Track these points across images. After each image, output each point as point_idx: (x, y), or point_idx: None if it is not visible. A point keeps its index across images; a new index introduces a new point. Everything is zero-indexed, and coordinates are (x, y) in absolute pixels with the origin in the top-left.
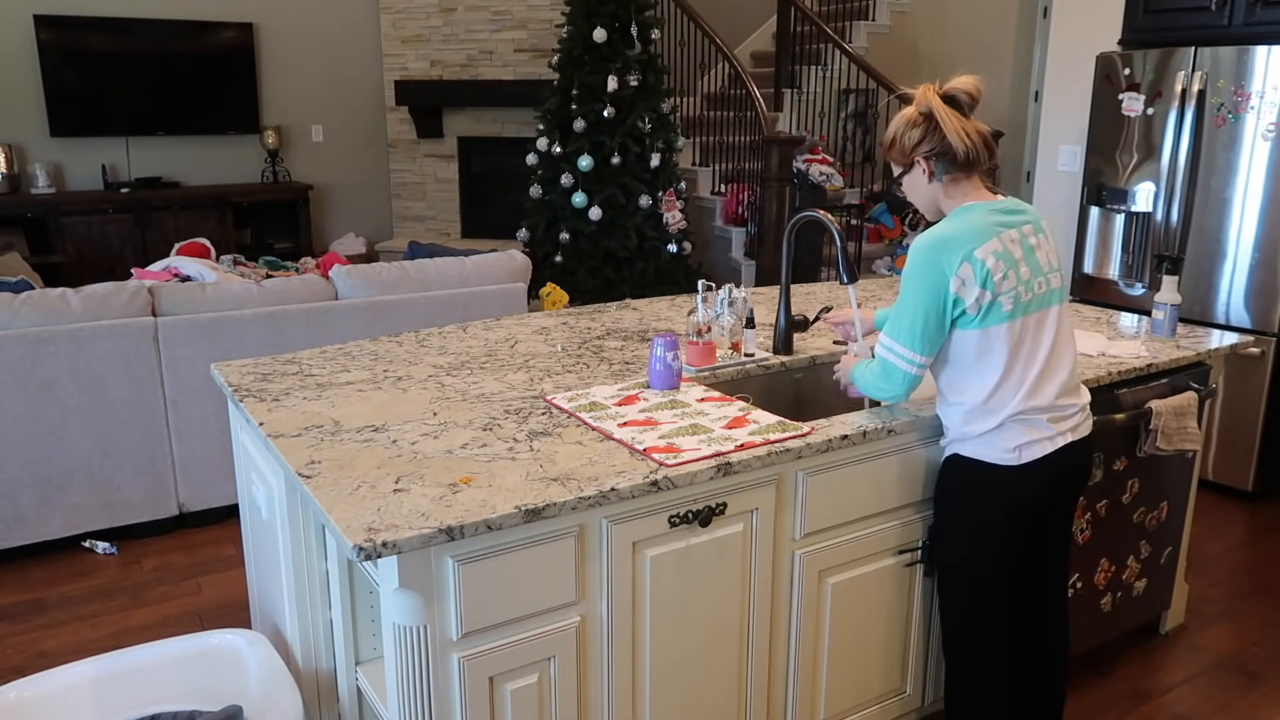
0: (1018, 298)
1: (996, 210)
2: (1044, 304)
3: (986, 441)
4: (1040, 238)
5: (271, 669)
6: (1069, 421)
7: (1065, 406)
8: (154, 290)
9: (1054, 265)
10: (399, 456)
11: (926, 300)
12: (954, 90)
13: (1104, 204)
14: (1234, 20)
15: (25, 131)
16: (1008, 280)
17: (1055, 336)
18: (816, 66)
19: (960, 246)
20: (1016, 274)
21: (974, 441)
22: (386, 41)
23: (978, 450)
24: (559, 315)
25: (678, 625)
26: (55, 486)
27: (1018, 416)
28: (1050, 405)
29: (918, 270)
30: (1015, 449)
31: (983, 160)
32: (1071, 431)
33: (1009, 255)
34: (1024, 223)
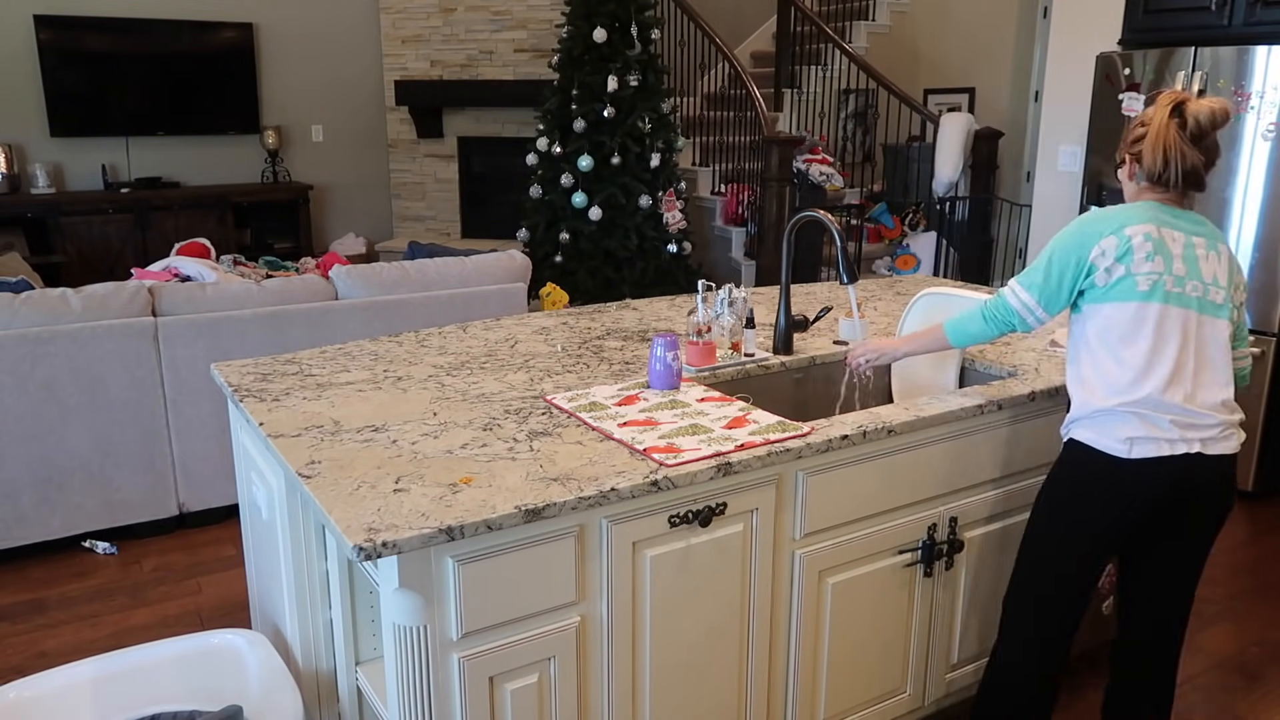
0: (1160, 284)
1: (1171, 212)
2: (1194, 306)
3: (1099, 425)
4: (1211, 254)
5: (271, 669)
6: (1201, 432)
7: (1201, 415)
8: (154, 290)
9: (1221, 283)
10: (399, 456)
11: (1062, 255)
12: (1187, 109)
13: (1104, 204)
14: (1234, 20)
15: (25, 131)
16: (1151, 263)
17: (1201, 343)
18: (816, 66)
19: (1114, 220)
20: (1166, 262)
21: (1087, 423)
22: (386, 41)
23: (1090, 434)
24: (559, 315)
25: (678, 625)
26: (55, 486)
27: (1133, 406)
28: (1179, 408)
29: (1068, 230)
30: (1127, 440)
31: (1173, 184)
32: (1202, 444)
33: (1163, 244)
34: (1196, 233)
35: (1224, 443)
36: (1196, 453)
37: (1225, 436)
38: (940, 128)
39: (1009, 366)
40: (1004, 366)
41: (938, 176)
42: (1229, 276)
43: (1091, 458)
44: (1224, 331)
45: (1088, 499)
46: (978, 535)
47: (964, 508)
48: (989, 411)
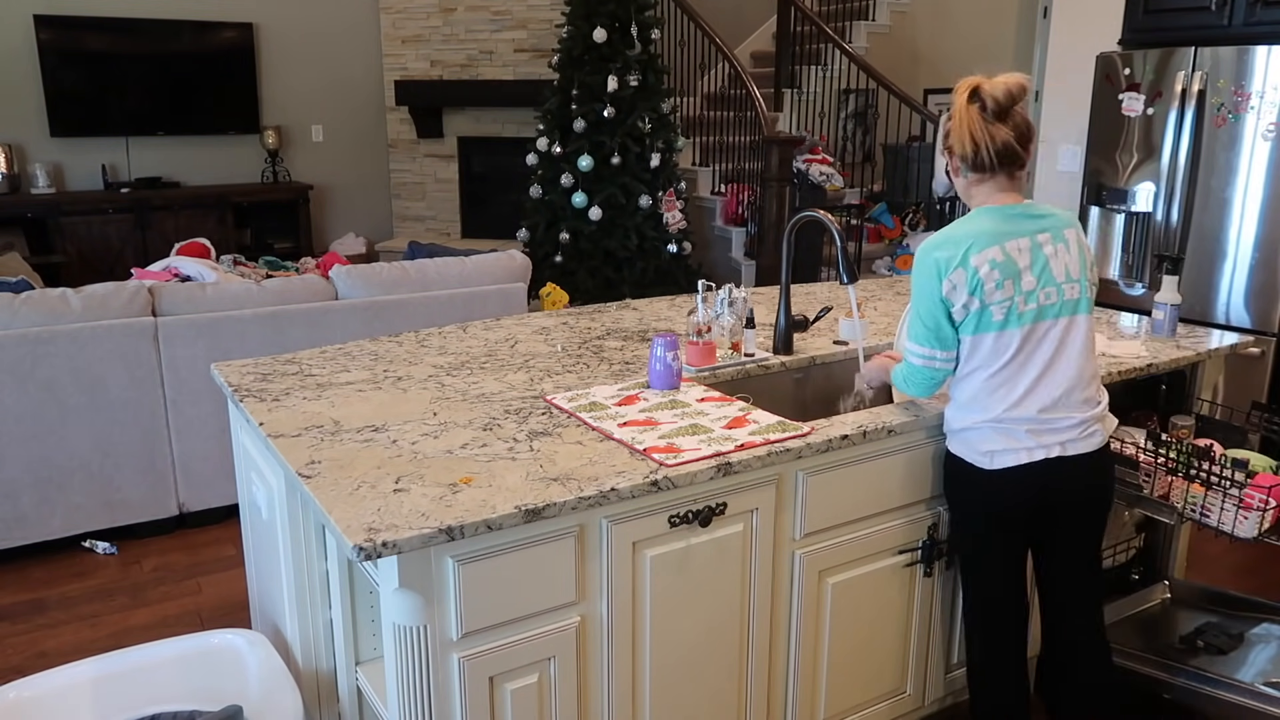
0: (1013, 308)
1: (1011, 215)
2: (1050, 315)
3: (964, 440)
4: (1059, 245)
5: (271, 669)
6: (1057, 436)
7: (1055, 420)
8: (154, 290)
9: (1073, 275)
10: (399, 456)
11: (924, 299)
12: (982, 91)
13: (1104, 204)
14: (1234, 20)
15: (25, 131)
16: (1001, 290)
17: (1058, 348)
18: (816, 66)
19: (957, 249)
20: (1016, 284)
21: (956, 438)
22: (386, 41)
23: (960, 448)
24: (559, 315)
25: (678, 625)
26: (55, 486)
27: (992, 422)
28: (1033, 418)
29: (916, 271)
30: (987, 453)
31: (991, 167)
32: (1060, 446)
33: (1010, 264)
34: (1040, 229)
35: (1085, 441)
36: (1056, 456)
37: (1086, 435)
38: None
39: None
40: None
41: (938, 176)
42: (1081, 263)
43: (963, 468)
44: (1084, 324)
45: (968, 504)
46: None
47: None
48: None
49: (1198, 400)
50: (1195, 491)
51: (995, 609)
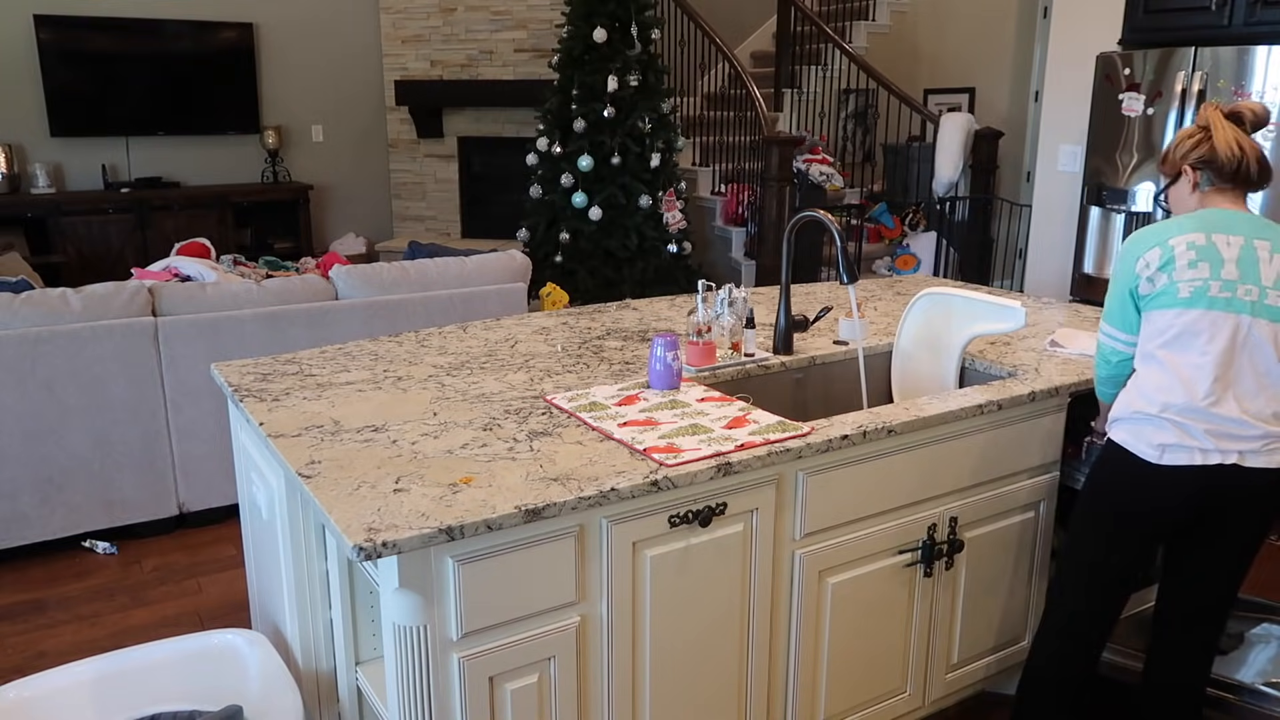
0: (1203, 289)
1: (1234, 216)
2: (1248, 311)
3: (1135, 428)
4: (1277, 256)
5: (271, 669)
6: (1240, 443)
7: (1241, 424)
8: (154, 290)
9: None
10: (399, 456)
11: (1117, 279)
12: (1238, 107)
13: (1104, 204)
14: (1234, 20)
15: (25, 131)
16: (1196, 270)
17: (1252, 351)
18: (816, 66)
19: (1160, 233)
20: (1213, 269)
21: (1126, 425)
22: (386, 41)
23: (1126, 436)
24: (559, 315)
25: (678, 625)
26: (55, 486)
27: (1167, 413)
28: (1216, 416)
29: (1121, 252)
30: (1159, 446)
31: (1251, 177)
32: (1239, 455)
33: (1211, 250)
34: (1262, 236)
35: (1264, 456)
36: (1233, 464)
37: (1269, 449)
38: (940, 128)
39: (1009, 366)
40: (1004, 366)
41: (938, 176)
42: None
43: (1125, 459)
44: None
45: (1119, 497)
46: (978, 535)
47: (964, 508)
48: (989, 411)
49: None
50: None
51: (1080, 623)
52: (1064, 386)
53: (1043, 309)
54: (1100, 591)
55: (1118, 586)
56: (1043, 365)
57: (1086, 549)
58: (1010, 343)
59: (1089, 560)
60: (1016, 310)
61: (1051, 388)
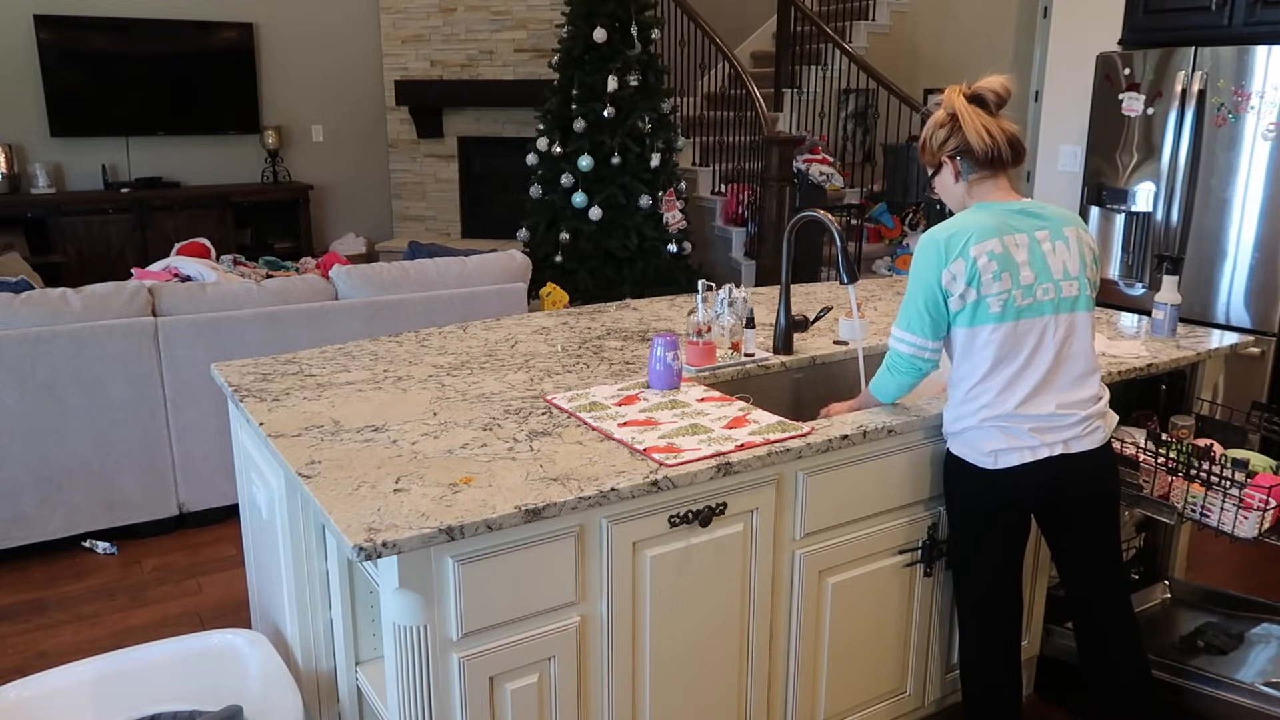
0: (1010, 301)
1: (1011, 211)
2: (1048, 311)
3: (967, 441)
4: (1058, 243)
5: (271, 669)
6: (1060, 434)
7: (1058, 417)
8: (154, 290)
9: (1072, 273)
10: (399, 456)
11: (922, 288)
12: (980, 89)
13: (1104, 204)
14: (1234, 20)
15: (25, 131)
16: (999, 282)
17: (1060, 346)
18: (816, 66)
19: (957, 240)
20: (1014, 277)
21: (958, 439)
22: (386, 41)
23: (961, 449)
24: (559, 315)
25: (678, 625)
26: (55, 486)
27: (994, 421)
28: (1036, 415)
29: (917, 259)
30: (991, 453)
31: (1006, 159)
32: (1064, 444)
33: (1008, 258)
34: (1039, 227)
35: (1088, 439)
36: (1060, 454)
37: (1089, 432)
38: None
39: None
40: None
41: None
42: (1081, 262)
43: (965, 469)
44: (1084, 322)
45: (971, 503)
46: None
47: None
48: None
49: (1198, 400)
50: (1195, 491)
51: (990, 607)
52: None
53: None
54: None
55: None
56: None
57: (966, 548)
58: None
59: (970, 558)
60: None
61: None
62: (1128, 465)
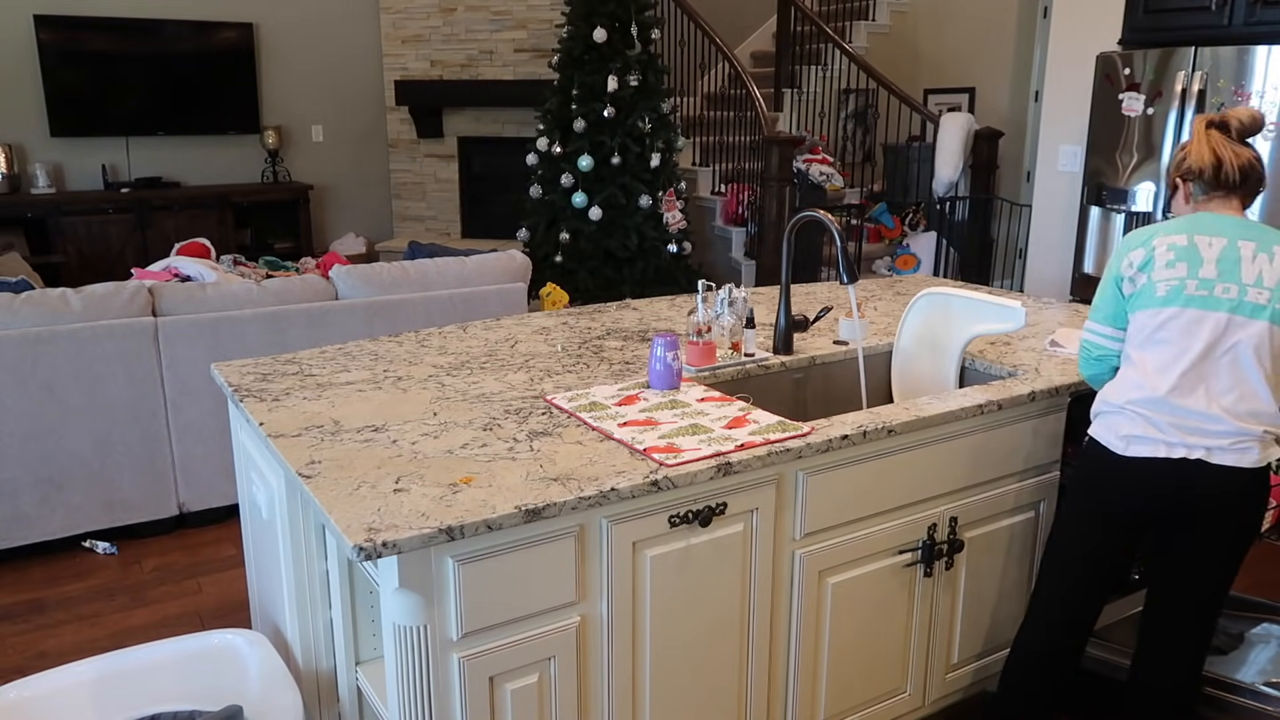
0: (1180, 288)
1: (1221, 220)
2: (1223, 308)
3: (1105, 422)
4: (1262, 255)
5: (271, 669)
6: (1207, 439)
7: (1210, 418)
8: (154, 290)
9: (1266, 284)
10: (399, 456)
11: (1106, 278)
12: (1226, 115)
13: (1104, 204)
14: (1234, 20)
15: (25, 131)
16: (1174, 270)
17: (1229, 347)
18: (816, 66)
19: (1146, 234)
20: (1192, 268)
21: (1100, 419)
22: (386, 41)
23: (1099, 430)
24: (559, 315)
25: (678, 625)
26: (55, 486)
27: (1139, 405)
28: (1183, 410)
29: (1113, 254)
30: (1125, 438)
31: (1232, 183)
32: (1205, 450)
33: (1192, 250)
34: (1244, 237)
35: (1234, 454)
36: (1197, 459)
37: (1239, 448)
38: (940, 128)
39: (1009, 366)
40: (1004, 366)
41: (938, 176)
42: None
43: (1097, 451)
44: (1264, 333)
45: (1091, 488)
46: (978, 535)
47: (964, 508)
48: (989, 411)
49: None
50: None
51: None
52: (1064, 386)
53: (1043, 309)
54: (1075, 583)
55: (1094, 579)
56: (1043, 365)
57: (1064, 539)
58: (1010, 343)
59: (1066, 550)
60: (1017, 310)
61: (1051, 388)
62: None
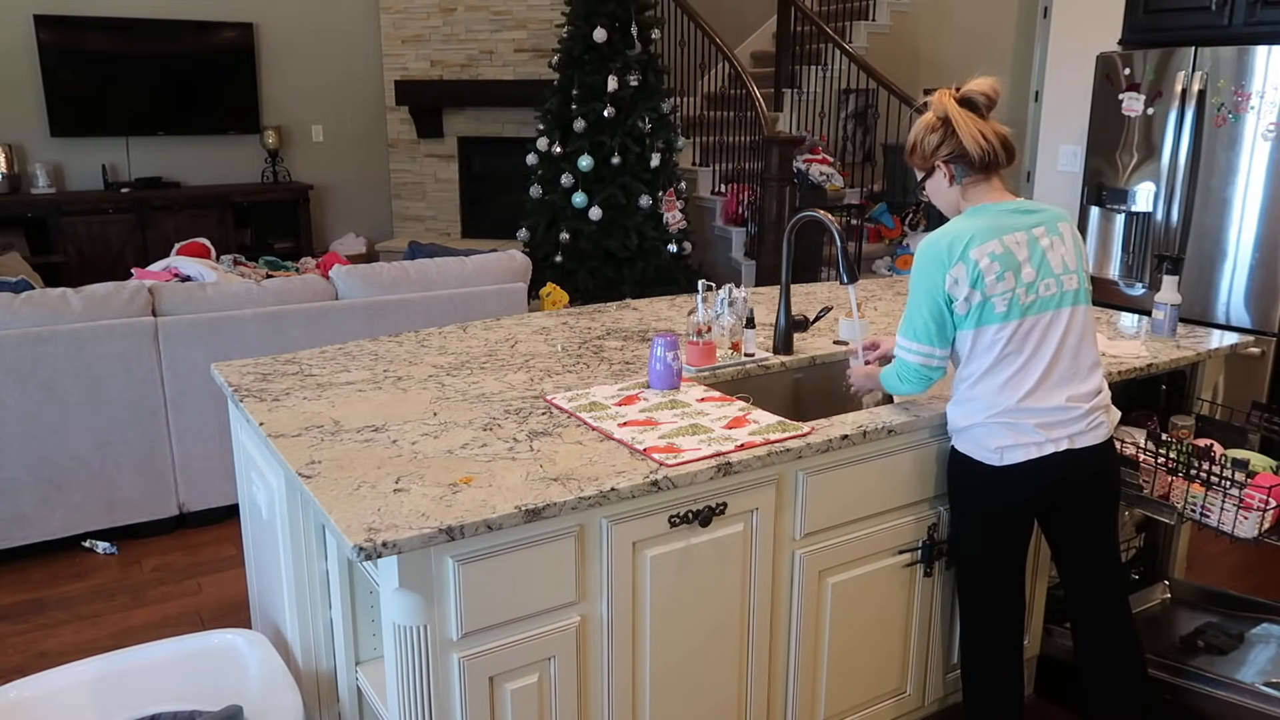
0: (1015, 300)
1: (1006, 211)
2: (1051, 306)
3: (972, 438)
4: (1055, 239)
5: (271, 669)
6: (1065, 429)
7: (1064, 412)
8: (154, 290)
9: (1070, 267)
10: (399, 456)
11: (925, 296)
12: (970, 93)
13: (1104, 204)
14: (1234, 20)
15: (25, 131)
16: (1003, 282)
17: (1062, 340)
18: (816, 66)
19: (957, 245)
20: (1016, 276)
21: (963, 436)
22: (386, 41)
23: (967, 446)
24: (559, 315)
25: (678, 625)
26: (55, 486)
27: (1000, 417)
28: (1042, 410)
29: (918, 268)
30: (997, 450)
31: (1000, 161)
32: (1069, 439)
33: (1009, 257)
34: (1035, 224)
35: (1092, 433)
36: (1065, 450)
37: (1093, 426)
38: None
39: None
40: None
41: None
42: (1077, 254)
43: (971, 467)
44: (1085, 315)
45: (977, 503)
46: None
47: None
48: None
49: (1197, 400)
50: (1195, 491)
51: (994, 606)
52: None
53: None
54: (992, 585)
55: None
56: None
57: (970, 548)
58: None
59: (975, 557)
60: None
61: None
62: (1128, 465)
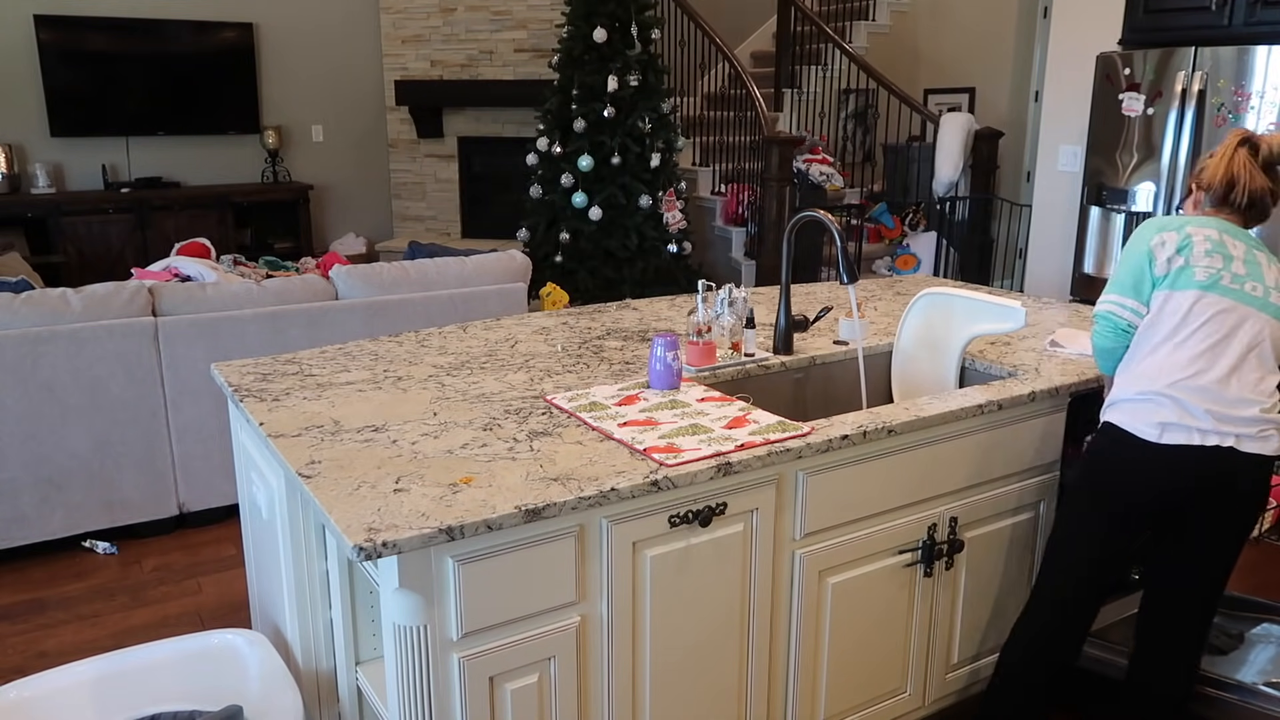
0: (1218, 277)
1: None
2: (1255, 304)
3: (1133, 409)
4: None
5: (271, 669)
6: (1237, 427)
7: (1244, 404)
8: (154, 290)
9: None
10: (399, 456)
11: (1129, 253)
12: (1259, 137)
13: (1104, 204)
14: (1234, 20)
15: (25, 131)
16: (1211, 259)
17: (1254, 340)
18: (816, 66)
19: (1178, 222)
20: (1225, 261)
21: (1126, 406)
22: (386, 41)
23: (1125, 417)
24: (559, 315)
25: (678, 625)
26: (55, 486)
27: (1172, 390)
28: (1219, 397)
29: (1134, 235)
30: (1159, 425)
31: (1237, 205)
32: (1237, 439)
33: (1223, 246)
34: (1259, 248)
35: (1261, 441)
36: (1229, 447)
37: (1264, 436)
38: (940, 128)
39: (1009, 366)
40: (1004, 366)
41: (938, 176)
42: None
43: (1123, 440)
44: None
45: (1117, 480)
46: (978, 535)
47: (964, 508)
48: (989, 411)
49: None
50: None
51: (1062, 613)
52: (1064, 386)
53: (1043, 309)
54: (1087, 582)
55: (1104, 577)
56: (1043, 365)
57: (1079, 536)
58: (1010, 343)
59: (1070, 549)
60: (1017, 310)
61: (1052, 388)
62: None
